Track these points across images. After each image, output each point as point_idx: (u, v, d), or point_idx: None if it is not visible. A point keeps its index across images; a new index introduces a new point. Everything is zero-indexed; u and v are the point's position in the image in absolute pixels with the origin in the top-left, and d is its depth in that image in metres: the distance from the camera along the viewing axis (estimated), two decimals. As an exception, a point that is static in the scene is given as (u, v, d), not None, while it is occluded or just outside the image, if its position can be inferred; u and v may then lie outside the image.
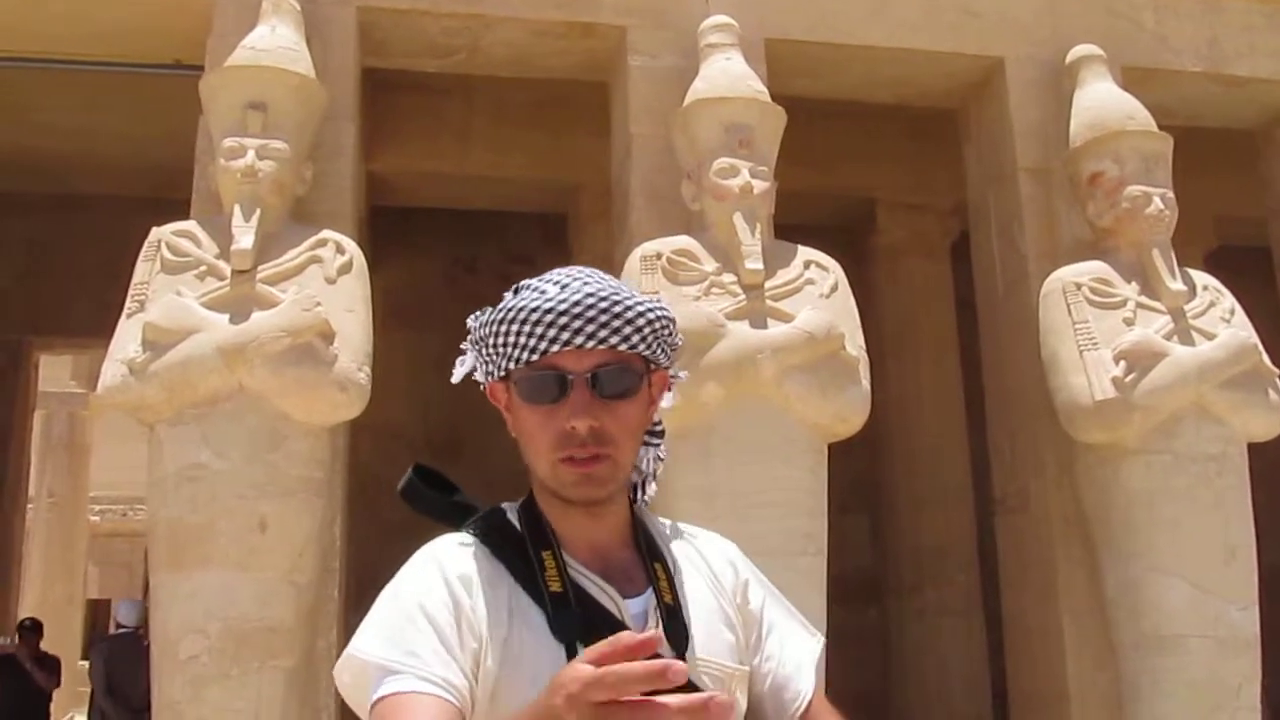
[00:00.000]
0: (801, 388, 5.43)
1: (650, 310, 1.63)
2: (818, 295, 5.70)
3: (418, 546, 1.67)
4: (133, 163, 9.15)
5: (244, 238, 5.14)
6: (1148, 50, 7.27)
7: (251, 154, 5.30)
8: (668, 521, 1.86)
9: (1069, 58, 6.85)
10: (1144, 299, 6.12)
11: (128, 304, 5.18)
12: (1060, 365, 6.03)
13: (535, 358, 1.60)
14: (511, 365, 1.63)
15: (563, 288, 1.61)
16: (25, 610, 13.13)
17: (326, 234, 5.47)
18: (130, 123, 8.54)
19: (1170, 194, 6.28)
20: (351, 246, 5.51)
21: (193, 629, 4.88)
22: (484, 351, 1.68)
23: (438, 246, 10.32)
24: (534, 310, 1.58)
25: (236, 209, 5.23)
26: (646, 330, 1.62)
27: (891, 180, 9.23)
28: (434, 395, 10.23)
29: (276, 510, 5.00)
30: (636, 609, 1.63)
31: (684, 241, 5.77)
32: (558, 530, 1.67)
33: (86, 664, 9.91)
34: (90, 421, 19.02)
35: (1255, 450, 6.15)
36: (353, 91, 6.29)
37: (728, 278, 5.64)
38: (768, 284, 5.63)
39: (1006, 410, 6.92)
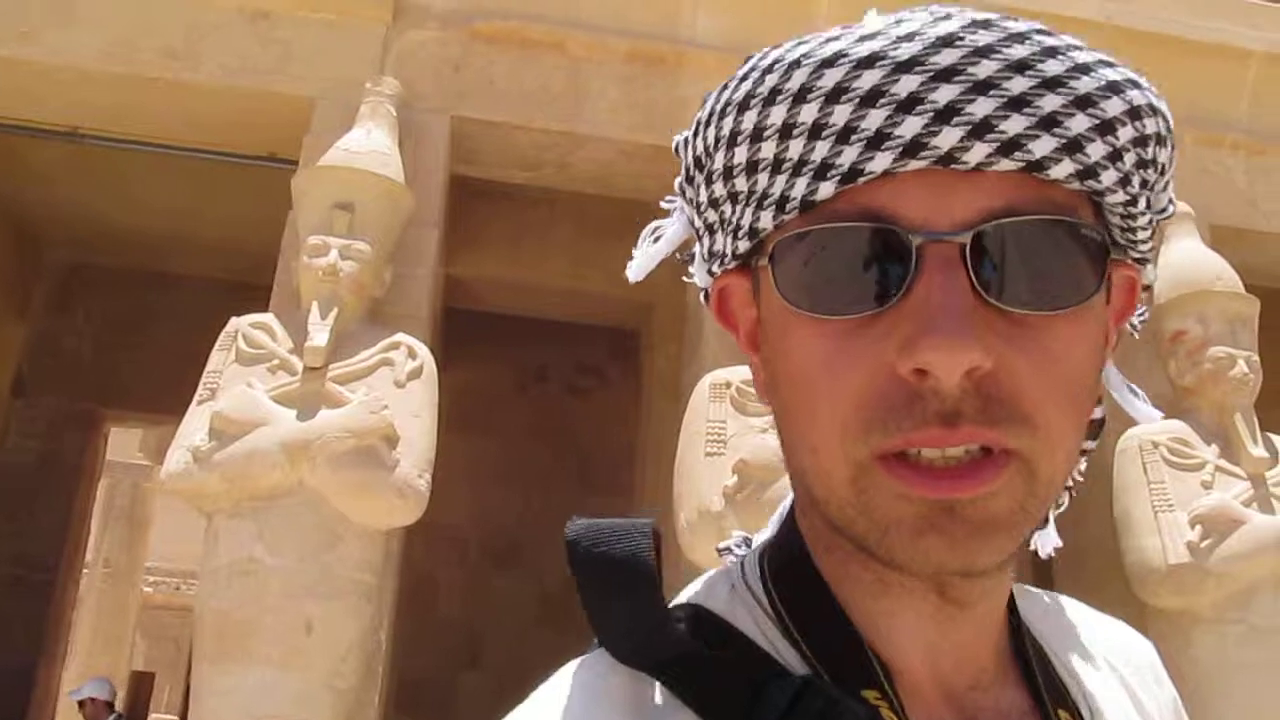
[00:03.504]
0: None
1: (1128, 85, 0.73)
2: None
3: (468, 648, 0.60)
4: (221, 246, 9.37)
5: (319, 335, 5.19)
6: (1238, 211, 7.20)
7: (335, 253, 5.37)
8: (1043, 596, 0.98)
9: (1158, 213, 6.78)
10: (1223, 462, 5.97)
11: (199, 391, 5.23)
12: (1133, 525, 5.87)
13: (833, 189, 0.71)
14: (768, 218, 0.75)
15: (901, 23, 0.72)
16: (69, 680, 13.14)
17: (400, 337, 5.50)
18: (221, 207, 8.76)
19: (1255, 357, 6.15)
20: (424, 351, 5.54)
21: (229, 725, 4.83)
22: (704, 197, 0.81)
23: (508, 353, 10.39)
24: (834, 61, 0.72)
25: (314, 306, 5.29)
26: (1124, 132, 0.72)
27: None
28: (493, 501, 10.23)
29: (324, 612, 4.95)
30: None
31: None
32: (871, 636, 0.77)
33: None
34: (153, 493, 19.24)
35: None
36: (440, 198, 6.38)
37: (797, 411, 5.57)
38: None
39: (1077, 568, 6.72)
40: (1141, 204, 0.76)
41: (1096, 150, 0.71)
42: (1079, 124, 0.70)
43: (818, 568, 0.79)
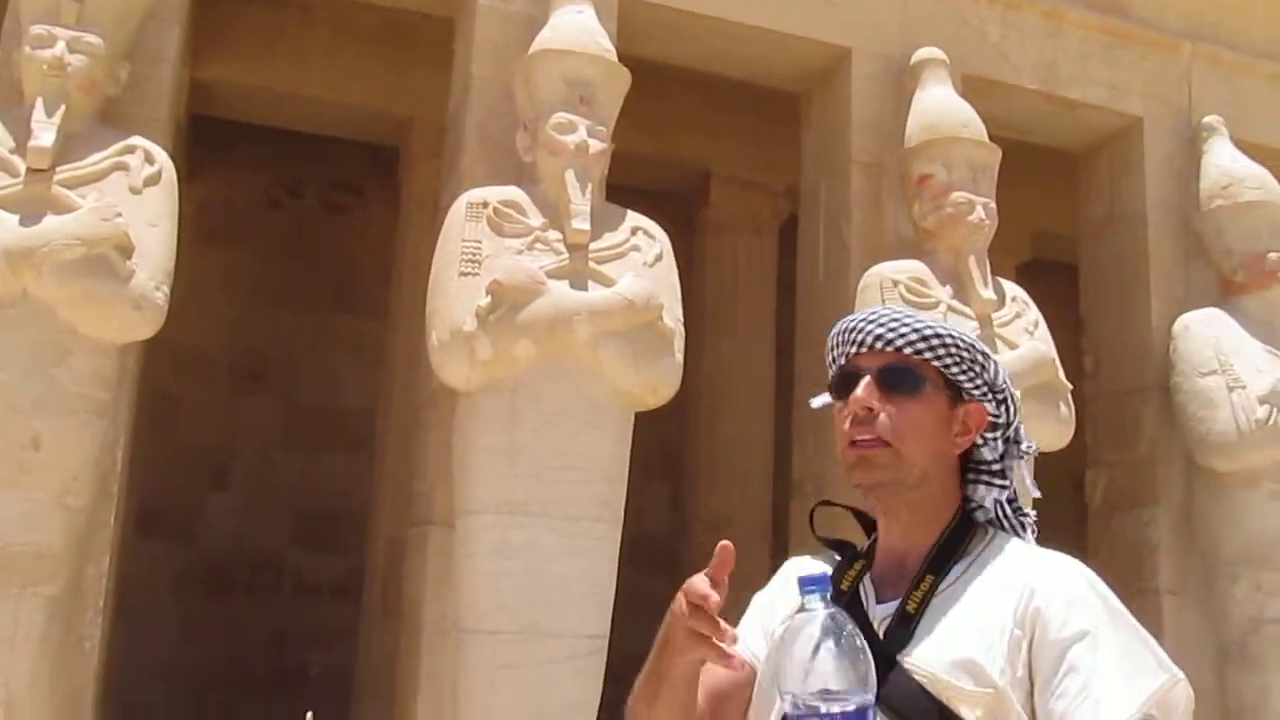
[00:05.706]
0: (614, 354, 5.40)
1: (949, 334, 1.91)
2: (641, 263, 5.67)
3: (213, 469, 1.69)
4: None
5: (44, 134, 4.81)
6: (989, 62, 7.44)
7: (62, 45, 4.95)
8: (1026, 550, 1.92)
9: (914, 58, 6.95)
10: (955, 303, 6.29)
11: (-94, 192, 4.80)
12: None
13: (844, 362, 1.95)
14: (833, 374, 1.99)
15: (870, 312, 1.98)
16: None
17: (136, 141, 5.16)
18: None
19: (992, 204, 6.46)
20: (162, 157, 5.21)
21: (-52, 547, 4.58)
22: (828, 368, 2.04)
23: (261, 165, 9.91)
24: (845, 323, 1.97)
25: (39, 102, 4.87)
26: (938, 346, 1.89)
27: (729, 155, 9.24)
28: (242, 319, 9.89)
29: (53, 428, 4.72)
30: (883, 613, 1.87)
31: (512, 193, 5.65)
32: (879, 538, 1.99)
33: None
34: None
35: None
36: (181, -8, 5.93)
37: (553, 235, 5.55)
38: (592, 246, 5.58)
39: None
40: (954, 369, 1.91)
41: (931, 352, 1.89)
42: (909, 337, 1.89)
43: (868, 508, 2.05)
